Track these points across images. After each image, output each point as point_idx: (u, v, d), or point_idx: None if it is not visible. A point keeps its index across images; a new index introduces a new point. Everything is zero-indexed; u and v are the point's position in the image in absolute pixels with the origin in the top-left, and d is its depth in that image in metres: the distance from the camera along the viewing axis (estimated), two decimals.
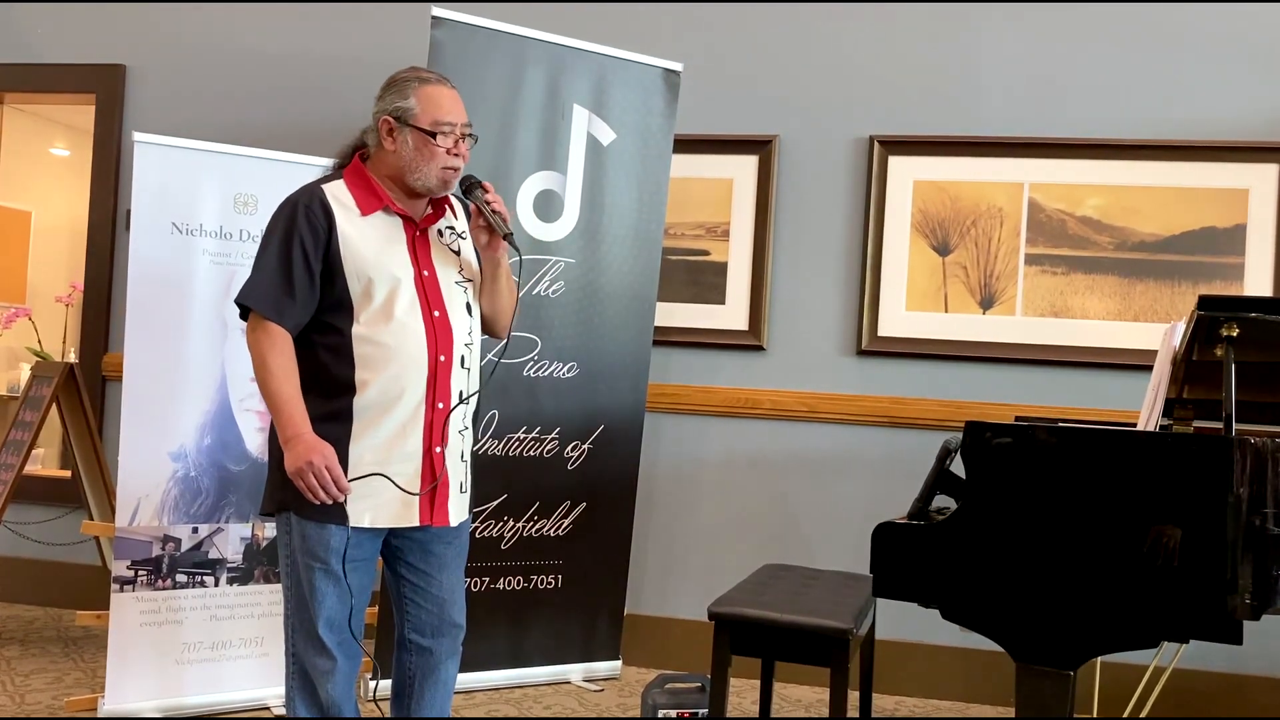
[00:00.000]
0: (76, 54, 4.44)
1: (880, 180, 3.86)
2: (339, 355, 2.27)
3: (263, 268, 2.27)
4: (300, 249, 2.25)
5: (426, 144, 2.29)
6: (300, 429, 2.21)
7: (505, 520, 3.58)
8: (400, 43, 4.09)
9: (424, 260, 2.34)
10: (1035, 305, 3.76)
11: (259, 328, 2.25)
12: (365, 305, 2.27)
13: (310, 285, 2.26)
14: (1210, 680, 3.57)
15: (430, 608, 2.43)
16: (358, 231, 2.29)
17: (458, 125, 2.32)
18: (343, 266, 2.26)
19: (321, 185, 2.33)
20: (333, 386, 2.27)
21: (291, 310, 2.25)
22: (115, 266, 4.34)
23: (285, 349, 2.25)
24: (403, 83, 2.33)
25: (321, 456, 2.18)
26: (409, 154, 2.30)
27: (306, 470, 2.17)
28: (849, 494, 3.86)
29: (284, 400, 2.22)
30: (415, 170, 2.31)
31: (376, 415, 2.27)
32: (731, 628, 2.64)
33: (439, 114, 2.30)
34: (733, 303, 3.98)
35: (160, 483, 3.24)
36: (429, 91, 2.31)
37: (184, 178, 3.29)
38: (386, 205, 2.33)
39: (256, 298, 2.26)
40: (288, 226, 2.27)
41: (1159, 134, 3.69)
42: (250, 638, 3.36)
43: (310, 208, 2.27)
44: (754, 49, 3.99)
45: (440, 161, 2.31)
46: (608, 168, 3.65)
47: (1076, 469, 2.19)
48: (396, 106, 2.31)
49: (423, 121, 2.29)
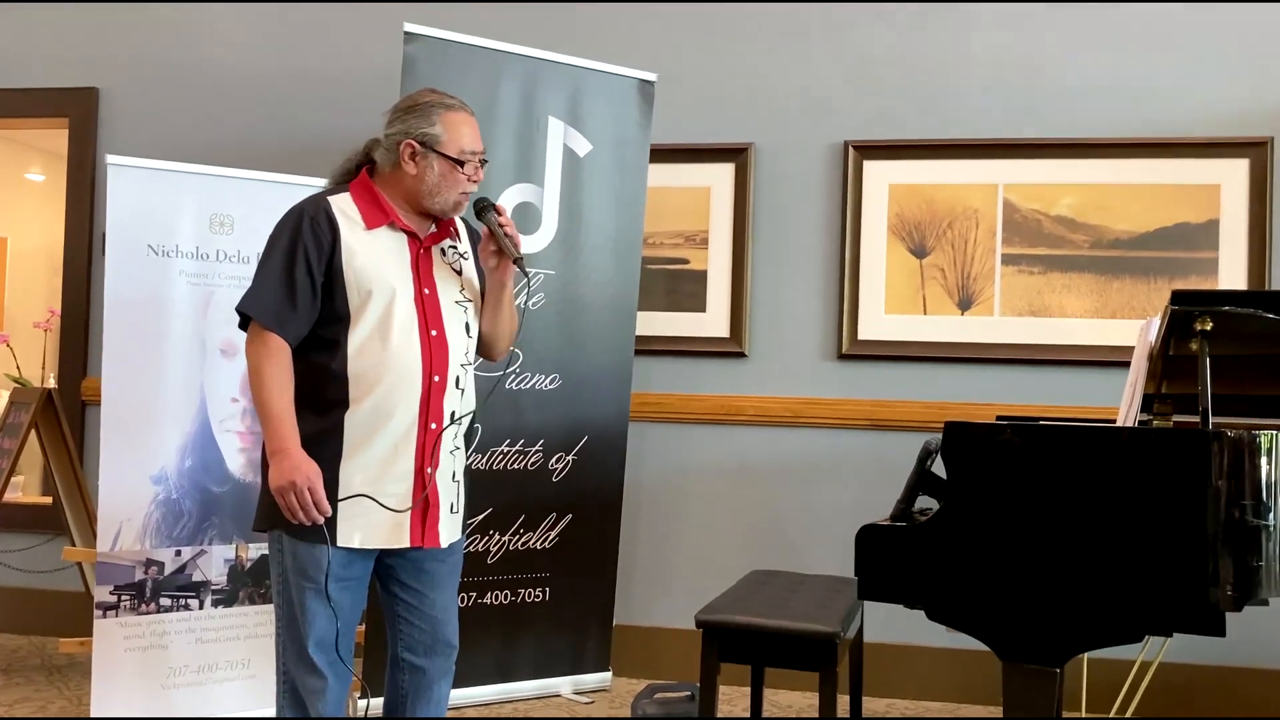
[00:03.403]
0: (49, 78, 4.41)
1: (856, 185, 3.88)
2: (334, 370, 2.25)
3: (265, 277, 2.25)
4: (304, 259, 2.24)
5: (453, 171, 2.32)
6: (287, 443, 2.19)
7: (491, 534, 3.57)
8: (373, 58, 4.07)
9: (426, 278, 2.34)
10: (1013, 305, 3.78)
11: (258, 338, 2.24)
12: (362, 321, 2.26)
13: (312, 296, 2.25)
14: (1197, 673, 3.58)
15: (424, 626, 2.41)
16: (361, 245, 2.28)
17: (480, 154, 2.37)
18: (344, 279, 2.25)
19: (328, 197, 2.32)
20: (326, 402, 2.26)
21: (293, 321, 2.24)
22: (93, 290, 4.31)
23: (282, 360, 2.24)
24: (426, 107, 2.33)
25: (305, 477, 2.17)
26: (433, 179, 2.32)
27: (288, 489, 2.16)
28: (834, 498, 3.87)
29: (275, 413, 2.21)
30: (436, 195, 2.33)
31: (368, 433, 2.26)
32: (720, 635, 2.64)
33: (465, 143, 2.33)
34: (713, 310, 3.99)
35: (142, 506, 3.22)
36: (454, 119, 2.33)
37: (159, 199, 3.27)
38: (392, 221, 2.32)
39: (258, 307, 2.24)
40: (292, 236, 2.26)
41: (1131, 132, 3.72)
42: (237, 660, 3.34)
43: (315, 218, 2.26)
44: (727, 58, 4.00)
45: (461, 187, 2.34)
46: (585, 179, 3.66)
47: (1056, 466, 2.21)
48: (423, 132, 2.30)
49: (450, 149, 2.31)
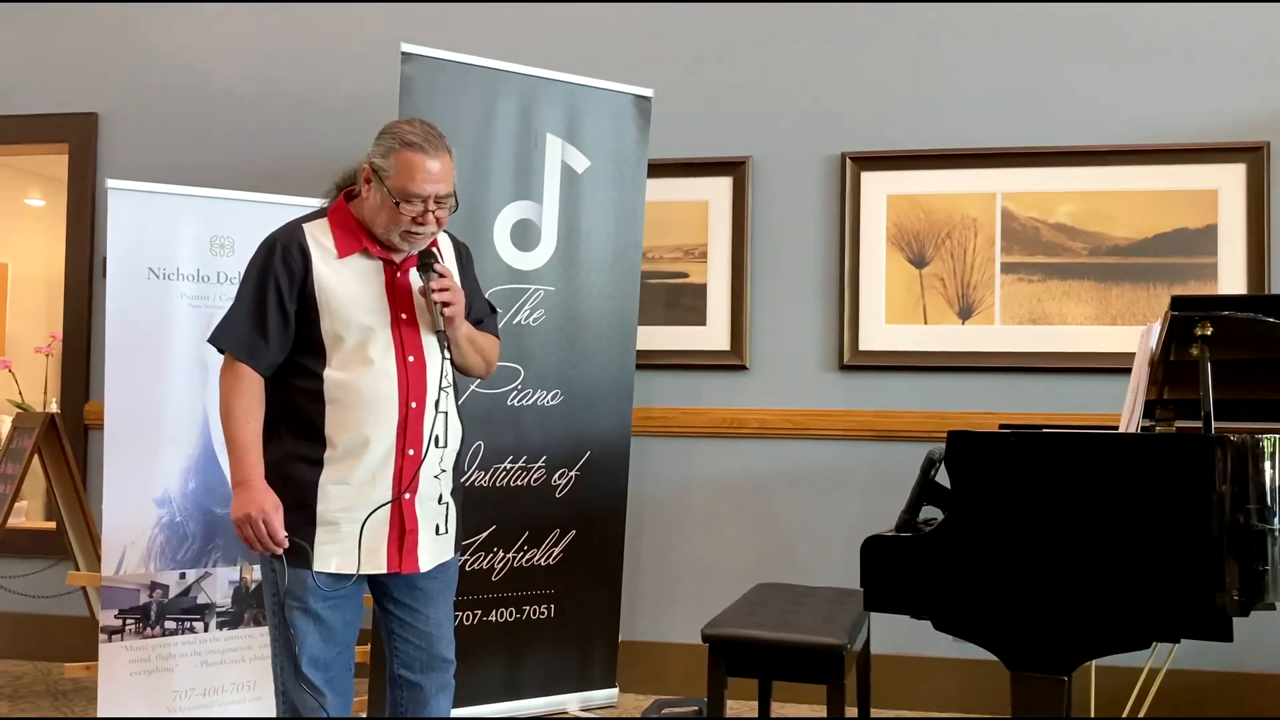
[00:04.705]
0: (48, 103, 4.43)
1: (854, 196, 3.89)
2: (311, 398, 2.27)
3: (238, 309, 2.28)
4: (275, 290, 2.25)
5: (392, 208, 2.25)
6: (249, 475, 2.22)
7: (495, 551, 3.56)
8: (371, 79, 4.10)
9: (402, 303, 2.33)
10: (1013, 313, 3.78)
11: (230, 369, 2.27)
12: (338, 349, 2.27)
13: (284, 327, 2.26)
14: (1205, 680, 3.57)
15: (418, 643, 2.42)
16: (334, 274, 2.28)
17: (429, 199, 2.24)
18: (317, 309, 2.26)
19: (303, 225, 2.33)
20: (305, 429, 2.27)
21: (264, 352, 2.26)
22: (94, 314, 4.32)
23: (251, 391, 2.26)
24: (389, 138, 2.27)
25: (259, 509, 2.20)
26: (375, 207, 2.28)
27: (244, 522, 2.21)
28: (838, 509, 3.86)
29: (239, 444, 2.24)
30: (379, 225, 2.29)
31: (347, 460, 2.27)
32: (726, 649, 2.63)
33: (408, 185, 2.22)
34: (713, 323, 3.99)
35: (145, 529, 3.22)
36: (406, 158, 2.22)
37: (159, 223, 3.29)
38: (365, 248, 2.32)
39: (228, 339, 2.27)
40: (263, 267, 2.27)
41: (1128, 139, 3.73)
42: (242, 682, 3.33)
43: (288, 248, 2.27)
44: (723, 72, 4.02)
45: (402, 226, 2.26)
46: (583, 195, 3.67)
47: (1060, 474, 2.20)
48: (375, 161, 2.27)
49: (392, 185, 2.24)
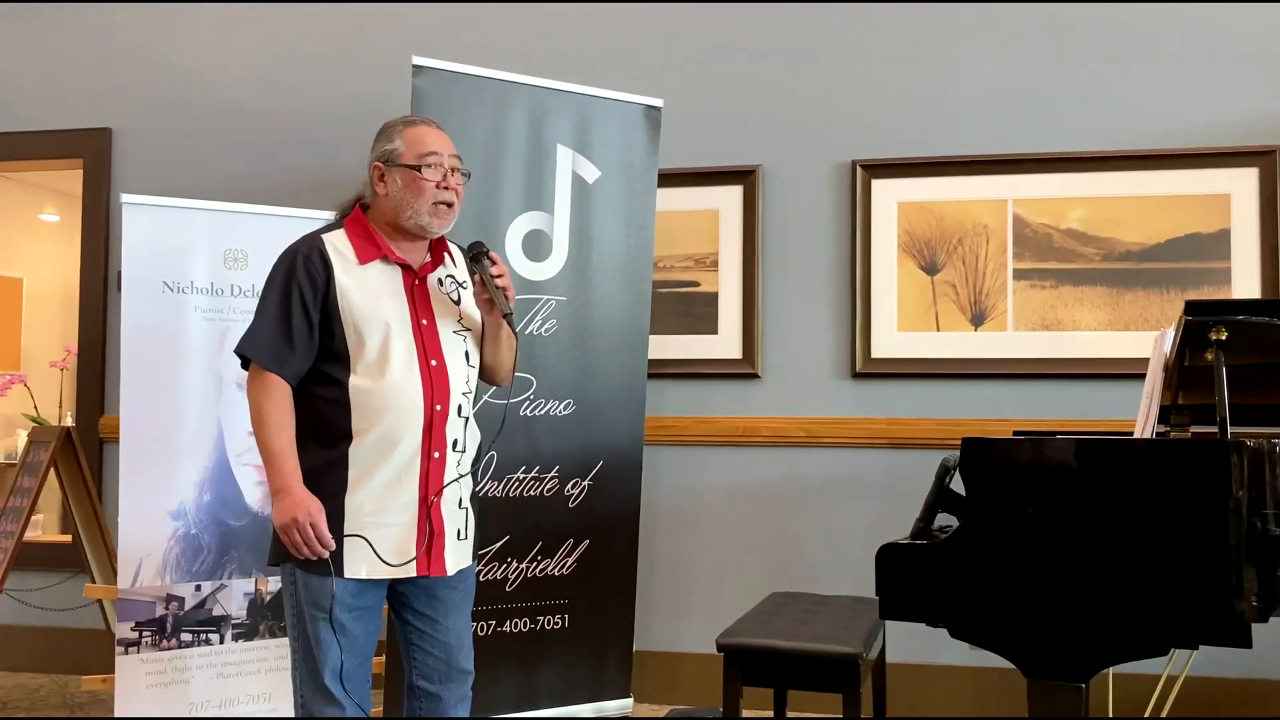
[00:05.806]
0: (62, 119, 4.47)
1: (865, 203, 3.89)
2: (336, 405, 2.28)
3: (262, 318, 2.29)
4: (299, 299, 2.27)
5: (415, 179, 2.32)
6: (289, 482, 2.23)
7: (509, 562, 3.56)
8: (382, 92, 4.13)
9: (423, 309, 2.36)
10: (1026, 320, 3.78)
11: (258, 378, 2.27)
12: (361, 355, 2.29)
13: (309, 335, 2.28)
14: (1224, 686, 3.55)
15: (437, 654, 2.42)
16: (355, 281, 2.31)
17: (444, 155, 2.35)
18: (340, 317, 2.28)
19: (322, 235, 2.36)
20: (330, 436, 2.28)
21: (290, 360, 2.27)
22: (109, 328, 4.34)
23: (282, 400, 2.27)
24: (389, 129, 2.40)
25: (307, 513, 2.20)
26: (399, 193, 2.34)
27: (291, 526, 2.20)
28: (852, 517, 3.86)
29: (275, 453, 2.24)
30: (407, 208, 2.34)
31: (372, 464, 2.28)
32: (741, 659, 2.63)
33: (422, 147, 2.34)
34: (725, 332, 4.00)
35: (161, 542, 3.23)
36: (414, 132, 2.37)
37: (173, 236, 3.31)
38: (385, 254, 2.35)
39: (256, 349, 2.28)
40: (286, 277, 2.30)
41: (1139, 144, 3.72)
42: (259, 693, 3.34)
43: (309, 258, 2.30)
44: (733, 81, 4.03)
45: (430, 196, 2.33)
46: (594, 205, 3.68)
47: (1074, 480, 2.20)
48: (383, 151, 2.37)
49: (408, 158, 2.33)
